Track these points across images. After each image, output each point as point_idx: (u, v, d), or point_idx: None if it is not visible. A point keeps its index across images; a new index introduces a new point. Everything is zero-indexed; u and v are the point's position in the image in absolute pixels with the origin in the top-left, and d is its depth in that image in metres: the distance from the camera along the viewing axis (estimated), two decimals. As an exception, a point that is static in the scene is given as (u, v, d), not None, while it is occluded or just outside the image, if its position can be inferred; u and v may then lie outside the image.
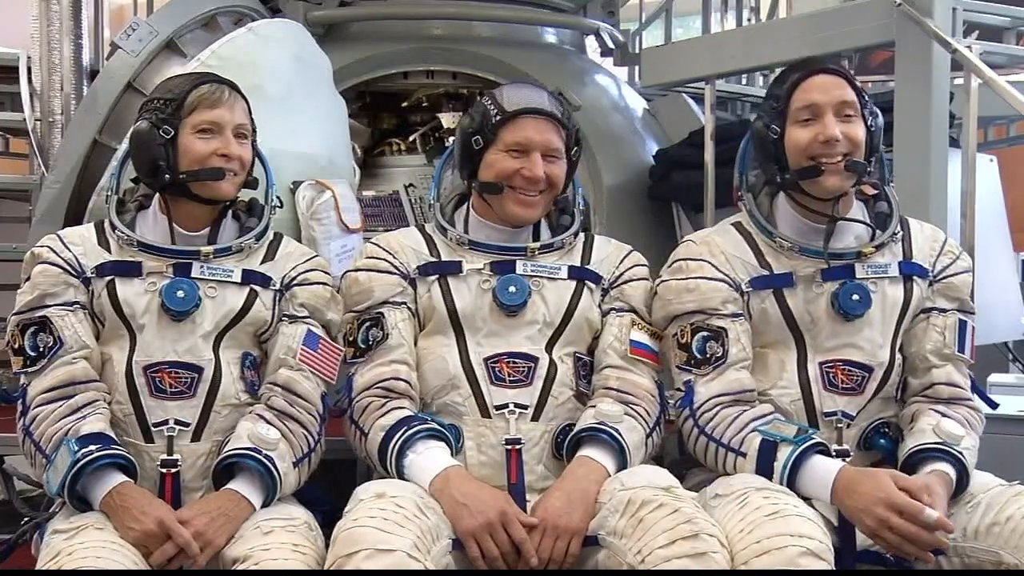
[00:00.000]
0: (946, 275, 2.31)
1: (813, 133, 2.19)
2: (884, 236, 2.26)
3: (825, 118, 2.18)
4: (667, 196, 3.68)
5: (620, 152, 3.81)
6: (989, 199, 3.51)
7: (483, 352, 2.28)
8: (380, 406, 2.23)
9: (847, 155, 2.19)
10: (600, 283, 2.37)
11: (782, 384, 2.26)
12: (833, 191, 2.21)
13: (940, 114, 2.83)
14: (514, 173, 2.29)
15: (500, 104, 2.31)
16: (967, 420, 2.24)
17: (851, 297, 2.22)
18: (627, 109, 4.07)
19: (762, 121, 2.26)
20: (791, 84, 2.22)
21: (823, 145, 2.18)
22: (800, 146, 2.20)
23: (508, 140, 2.29)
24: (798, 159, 2.21)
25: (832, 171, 2.18)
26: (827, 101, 2.18)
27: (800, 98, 2.20)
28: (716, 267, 2.26)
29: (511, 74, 3.72)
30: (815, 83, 2.20)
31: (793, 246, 2.25)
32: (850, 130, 2.19)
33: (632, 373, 2.31)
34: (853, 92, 2.21)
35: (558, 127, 2.31)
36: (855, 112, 2.20)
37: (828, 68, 2.22)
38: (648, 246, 2.69)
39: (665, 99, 4.12)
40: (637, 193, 3.70)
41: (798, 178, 2.21)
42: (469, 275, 2.31)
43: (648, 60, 3.84)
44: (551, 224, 2.42)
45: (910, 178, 2.34)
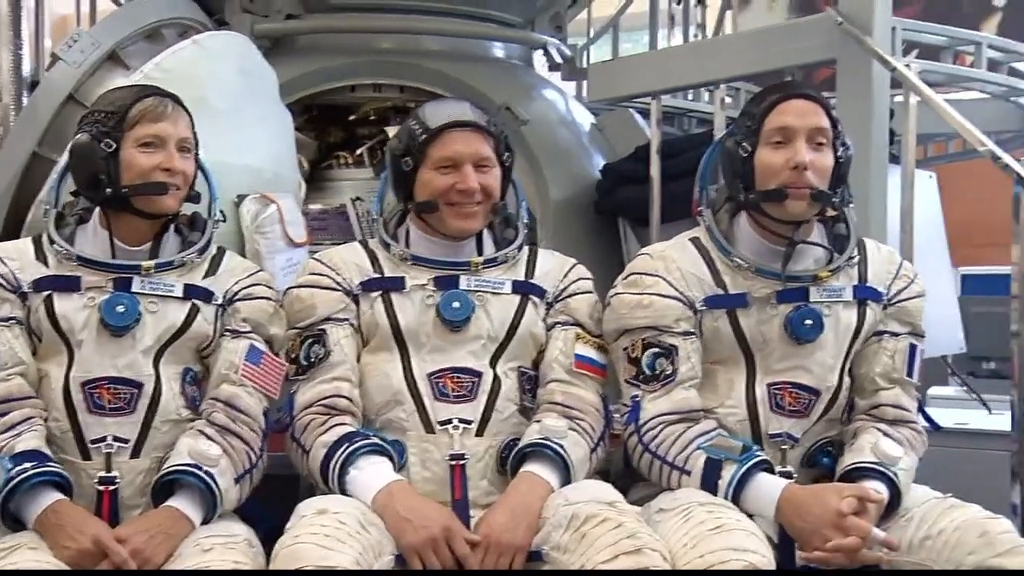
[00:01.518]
0: (900, 299, 2.33)
1: (784, 157, 2.18)
2: (841, 260, 2.27)
3: (797, 143, 2.18)
4: (613, 210, 3.68)
5: (567, 166, 3.81)
6: (929, 215, 3.55)
7: (427, 368, 2.26)
8: (322, 423, 2.20)
9: (811, 187, 2.18)
10: (544, 297, 2.37)
11: (730, 403, 2.26)
12: (796, 217, 2.22)
13: (880, 131, 2.86)
14: (448, 189, 2.27)
15: (424, 122, 2.30)
16: (908, 440, 2.26)
17: (804, 322, 2.22)
18: (574, 124, 4.07)
19: (734, 138, 2.26)
20: (767, 105, 2.22)
21: (792, 171, 2.18)
22: (769, 168, 2.20)
23: (436, 157, 2.28)
24: (765, 181, 2.21)
25: (797, 197, 2.19)
26: (801, 126, 2.19)
27: (775, 120, 2.20)
28: (671, 284, 2.26)
29: (459, 88, 3.71)
30: (791, 107, 2.20)
31: (750, 266, 2.25)
32: (819, 159, 2.19)
33: (577, 387, 2.31)
34: (827, 120, 2.21)
35: (485, 136, 2.30)
36: (827, 140, 2.21)
37: (806, 93, 2.22)
38: (595, 259, 2.69)
39: (612, 114, 4.12)
40: (584, 207, 3.70)
41: (763, 200, 2.21)
42: (412, 291, 2.30)
43: (595, 75, 3.85)
44: (495, 238, 2.41)
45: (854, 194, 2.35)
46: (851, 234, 2.31)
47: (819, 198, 2.20)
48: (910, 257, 2.77)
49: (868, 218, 2.77)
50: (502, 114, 3.68)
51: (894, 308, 2.32)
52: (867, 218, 2.77)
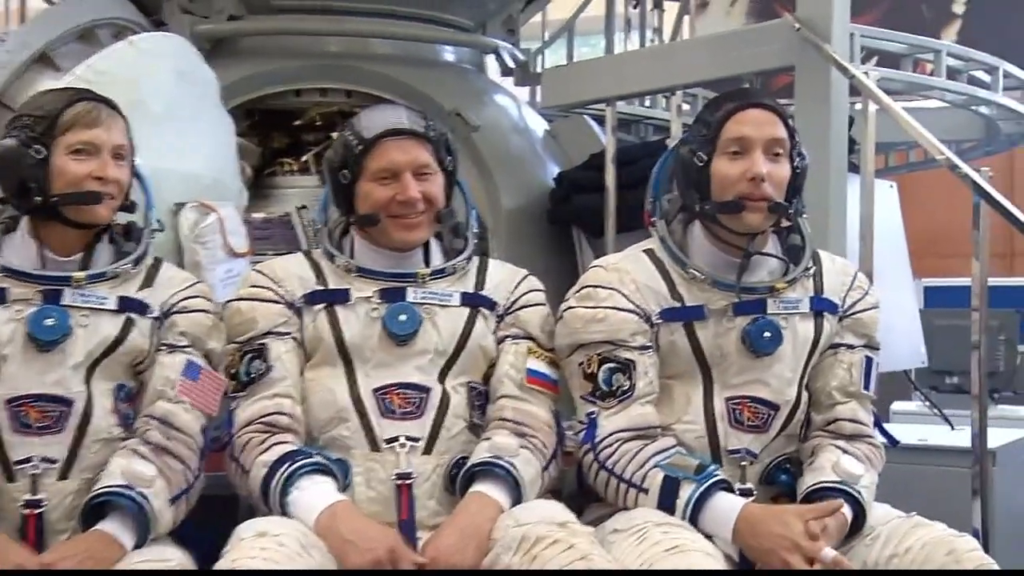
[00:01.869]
0: (855, 311, 2.35)
1: (741, 169, 2.20)
2: (797, 271, 2.29)
3: (754, 154, 2.20)
4: (567, 220, 3.70)
5: (520, 174, 3.82)
6: (889, 225, 3.59)
7: (372, 383, 2.25)
8: (262, 442, 2.19)
9: (768, 199, 2.20)
10: (495, 309, 2.37)
11: (687, 419, 2.27)
12: (753, 228, 2.23)
13: (839, 139, 2.90)
14: (389, 201, 2.27)
15: (358, 133, 2.29)
16: (867, 456, 2.28)
17: (762, 334, 2.24)
18: (527, 130, 4.08)
19: (689, 147, 2.27)
20: (724, 114, 2.23)
21: (749, 182, 2.19)
22: (726, 179, 2.21)
23: (374, 168, 2.27)
24: (722, 192, 2.22)
25: (754, 209, 2.20)
26: (758, 137, 2.20)
27: (732, 129, 2.21)
28: (627, 297, 2.27)
29: (408, 94, 3.71)
30: (749, 117, 2.22)
31: (706, 278, 2.26)
32: (776, 170, 2.21)
33: (529, 403, 2.30)
34: (785, 130, 2.23)
35: (423, 142, 2.29)
36: (784, 151, 2.23)
37: (764, 103, 2.23)
38: (548, 270, 2.70)
39: (566, 120, 4.14)
40: (537, 216, 3.71)
41: (718, 211, 2.22)
42: (357, 303, 2.29)
43: (549, 80, 3.87)
44: (444, 248, 2.41)
45: (808, 203, 2.37)
46: (806, 245, 2.34)
47: (776, 209, 2.22)
48: (870, 268, 2.81)
49: (827, 229, 2.80)
50: (452, 120, 3.68)
51: (849, 320, 2.35)
52: (826, 228, 2.80)
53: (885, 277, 3.21)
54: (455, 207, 2.43)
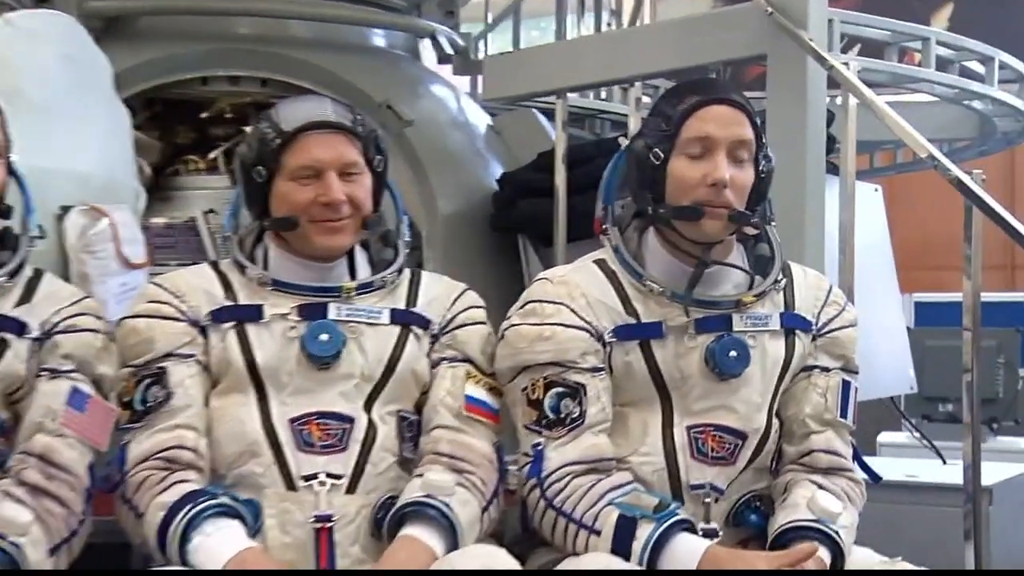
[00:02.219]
0: (830, 329, 2.38)
1: (701, 172, 2.22)
2: (765, 284, 2.32)
3: (717, 156, 2.22)
4: (513, 227, 3.72)
5: (459, 175, 3.84)
6: (873, 233, 3.66)
7: (289, 412, 2.25)
8: (159, 480, 2.17)
9: (729, 207, 2.22)
10: (429, 328, 2.37)
11: (644, 451, 2.28)
12: (711, 238, 2.26)
13: (816, 137, 2.95)
14: (309, 202, 2.27)
15: (277, 125, 2.29)
16: (846, 493, 2.31)
17: (728, 353, 2.26)
18: (467, 125, 4.10)
19: (644, 142, 2.29)
20: (686, 109, 2.24)
21: (710, 188, 2.21)
22: (685, 183, 2.23)
23: (293, 165, 2.28)
24: (679, 195, 2.24)
25: (714, 217, 2.23)
26: (723, 137, 2.22)
27: (694, 127, 2.23)
28: (576, 312, 2.28)
29: (331, 83, 3.72)
30: (713, 114, 2.23)
31: (664, 291, 2.29)
32: (740, 175, 2.24)
33: (466, 435, 2.31)
34: (751, 131, 2.25)
35: (350, 138, 2.30)
36: (749, 155, 2.25)
37: (730, 99, 2.25)
38: (490, 284, 2.71)
39: (512, 114, 4.17)
40: (478, 223, 3.73)
41: (675, 216, 2.25)
42: (272, 321, 2.28)
43: (492, 69, 3.90)
44: (371, 259, 2.42)
45: (782, 209, 2.40)
46: (775, 256, 2.37)
47: (737, 219, 2.25)
48: (851, 282, 2.86)
49: (803, 237, 2.85)
50: (382, 113, 3.70)
51: (824, 339, 2.38)
52: (802, 237, 2.85)
53: (869, 292, 3.27)
54: (384, 212, 2.44)
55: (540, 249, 3.67)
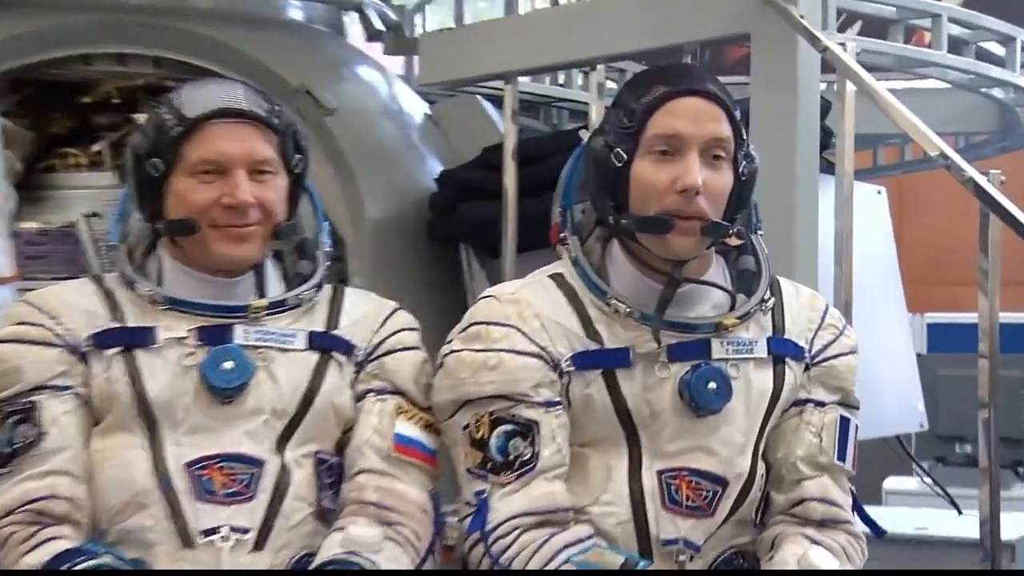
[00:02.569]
0: (826, 356, 2.40)
1: (669, 176, 2.22)
2: (750, 304, 2.33)
3: (688, 157, 2.22)
4: (453, 234, 3.74)
5: (390, 173, 3.85)
6: (876, 243, 3.70)
7: (185, 455, 2.24)
8: (28, 536, 2.16)
9: (703, 217, 2.24)
10: (353, 354, 2.38)
11: (606, 499, 2.29)
12: (681, 255, 2.26)
13: (808, 131, 2.98)
14: (211, 204, 2.27)
15: (178, 110, 2.29)
16: (844, 550, 2.33)
17: (706, 385, 2.27)
18: (401, 115, 4.12)
19: (603, 140, 2.30)
20: (653, 101, 2.25)
21: (680, 195, 2.22)
22: (650, 188, 2.24)
23: (195, 159, 2.28)
24: (644, 203, 2.24)
25: (684, 231, 2.23)
26: (695, 135, 2.23)
27: (661, 123, 2.24)
28: (528, 336, 2.29)
29: (239, 64, 3.72)
30: (684, 108, 2.24)
31: (632, 311, 2.29)
32: (716, 179, 2.24)
33: (397, 480, 2.32)
34: (729, 127, 2.26)
35: (265, 131, 2.31)
36: (727, 155, 2.26)
37: (705, 89, 2.26)
38: (428, 302, 2.73)
39: (453, 102, 4.19)
40: (413, 230, 3.74)
41: (639, 228, 2.26)
42: (167, 347, 2.28)
43: (430, 49, 3.92)
44: (285, 273, 2.42)
45: (769, 215, 2.42)
46: (762, 270, 2.39)
47: (712, 231, 2.26)
48: (849, 301, 2.89)
49: (793, 249, 2.88)
50: (299, 100, 3.70)
51: (819, 369, 2.41)
52: (792, 249, 2.88)
53: (871, 312, 3.31)
54: (301, 218, 2.45)
55: (486, 261, 3.69)
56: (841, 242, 2.98)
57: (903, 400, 3.84)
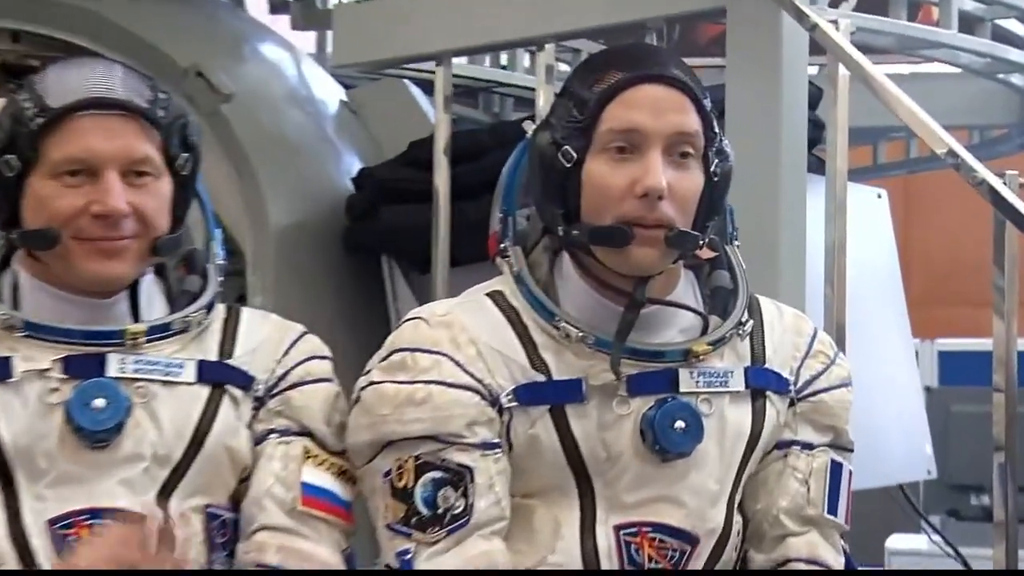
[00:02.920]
0: (815, 390, 2.42)
1: (628, 178, 2.23)
2: (725, 327, 2.35)
3: (649, 155, 2.23)
4: (374, 244, 3.73)
5: (299, 171, 3.86)
6: (875, 255, 3.72)
7: (47, 511, 2.23)
8: None
9: (668, 226, 2.24)
10: (251, 388, 2.37)
11: (554, 560, 2.29)
12: (643, 270, 2.27)
13: (794, 121, 3.00)
14: (78, 212, 2.25)
15: (40, 97, 2.27)
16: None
17: (673, 424, 2.28)
18: (312, 101, 4.12)
19: (550, 135, 2.30)
20: (607, 90, 2.26)
21: (640, 200, 2.23)
22: (605, 193, 2.24)
23: (58, 157, 2.25)
24: (598, 210, 2.25)
25: (646, 242, 2.24)
26: (657, 130, 2.23)
27: (616, 115, 2.25)
28: (462, 366, 2.29)
29: (116, 39, 3.71)
30: (644, 96, 2.25)
31: (585, 336, 2.30)
32: (683, 181, 2.25)
33: (303, 539, 2.31)
34: (699, 119, 2.27)
35: (144, 125, 2.29)
36: (696, 151, 2.26)
37: (669, 75, 2.27)
38: (342, 325, 2.73)
39: (374, 87, 4.19)
40: (326, 239, 3.74)
41: (593, 241, 2.26)
42: (25, 381, 2.26)
43: (346, 23, 3.90)
44: (168, 292, 2.42)
45: (748, 223, 2.44)
46: (739, 288, 2.40)
47: (678, 241, 2.27)
48: (841, 323, 2.91)
49: (777, 263, 2.90)
50: (190, 83, 3.70)
51: (806, 405, 2.42)
52: (775, 262, 2.89)
53: (869, 337, 3.33)
54: (189, 228, 2.43)
55: (413, 276, 3.69)
56: (833, 255, 2.99)
57: (908, 442, 3.86)
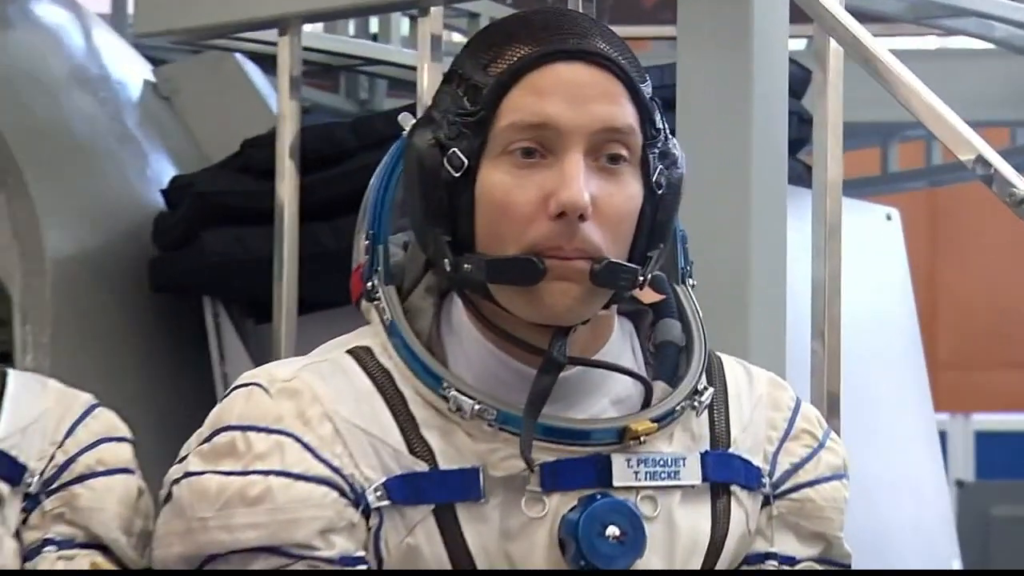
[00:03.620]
0: (799, 484, 2.45)
1: (537, 191, 2.23)
2: (675, 399, 2.37)
3: (566, 160, 2.24)
4: (193, 282, 3.75)
5: (87, 181, 3.87)
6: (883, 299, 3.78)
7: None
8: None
9: (593, 256, 2.26)
10: (20, 481, 2.39)
11: None
12: (559, 318, 2.29)
13: (769, 113, 3.06)
14: None
15: None
16: None
17: (603, 531, 2.31)
18: (106, 84, 4.14)
19: (432, 132, 2.32)
20: (508, 72, 2.28)
21: (555, 222, 2.24)
22: (507, 211, 2.25)
23: None
24: (498, 235, 2.26)
25: (564, 275, 2.25)
26: (576, 125, 2.25)
27: (521, 106, 2.26)
28: (312, 450, 2.29)
29: None
30: (557, 80, 2.27)
31: (484, 409, 2.34)
32: (614, 195, 2.26)
33: None
34: (634, 110, 2.29)
35: None
36: (631, 153, 2.29)
37: (592, 51, 2.28)
38: (146, 394, 2.73)
39: (193, 63, 4.22)
40: (126, 274, 3.76)
41: (489, 278, 2.30)
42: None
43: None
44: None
45: (705, 250, 2.48)
46: (694, 343, 2.44)
47: (607, 278, 2.29)
48: (834, 391, 2.96)
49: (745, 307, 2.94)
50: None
51: (787, 504, 2.45)
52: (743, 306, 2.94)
53: (873, 410, 3.38)
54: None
55: (246, 325, 3.71)
56: (824, 298, 3.04)
57: (928, 555, 3.90)
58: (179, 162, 3.99)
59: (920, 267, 3.93)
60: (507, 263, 2.26)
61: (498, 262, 2.26)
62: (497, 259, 2.26)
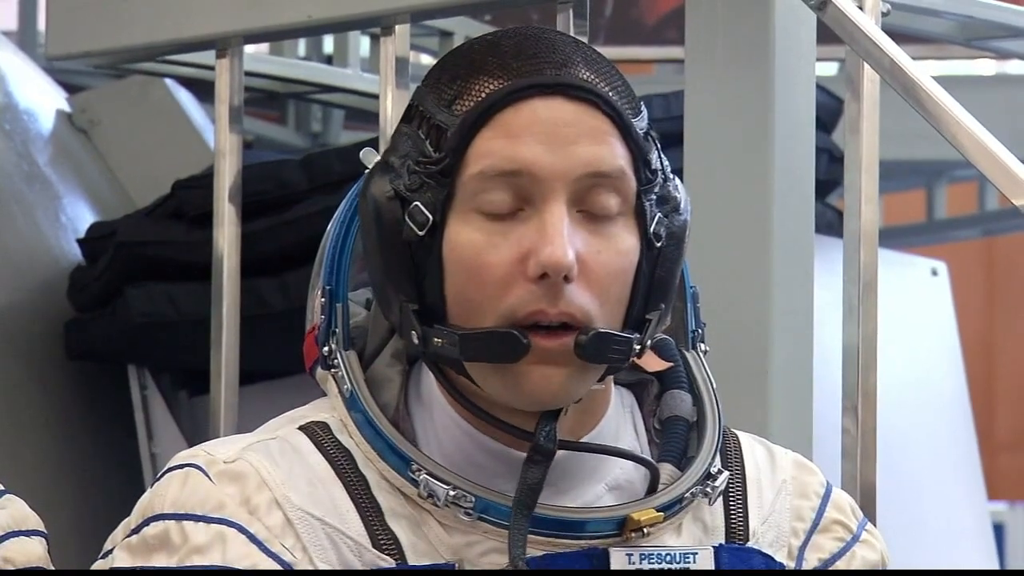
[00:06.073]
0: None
1: (513, 250, 2.25)
2: (685, 484, 2.40)
3: (547, 211, 2.25)
4: (116, 348, 3.78)
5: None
6: (928, 368, 3.81)
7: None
8: None
9: (579, 325, 2.27)
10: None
11: None
12: (543, 401, 2.31)
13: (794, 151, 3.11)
14: None
15: None
16: None
17: None
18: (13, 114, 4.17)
19: (390, 183, 2.35)
20: (476, 109, 2.29)
21: (536, 284, 2.26)
22: (479, 274, 2.26)
23: None
24: (469, 302, 2.28)
25: (547, 356, 2.29)
26: (557, 170, 2.26)
27: (490, 150, 2.27)
28: (260, 543, 2.30)
29: None
30: (534, 117, 2.28)
31: (461, 496, 2.38)
32: (604, 250, 2.26)
33: None
34: (624, 150, 2.31)
35: None
36: (623, 204, 2.30)
37: (572, 83, 2.30)
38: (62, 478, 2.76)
39: (116, 89, 4.25)
40: (36, 338, 3.79)
41: (467, 355, 2.31)
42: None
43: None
44: None
45: (719, 311, 2.51)
46: (707, 419, 2.48)
47: (594, 350, 2.29)
48: (868, 477, 3.00)
49: (766, 377, 2.97)
50: None
51: (817, 605, 2.50)
52: (764, 376, 2.98)
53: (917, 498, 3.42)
54: None
55: (179, 397, 3.74)
56: (856, 366, 3.07)
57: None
58: (99, 206, 4.02)
59: (973, 330, 3.95)
60: (484, 337, 2.26)
61: (473, 336, 2.27)
62: (472, 333, 2.27)
